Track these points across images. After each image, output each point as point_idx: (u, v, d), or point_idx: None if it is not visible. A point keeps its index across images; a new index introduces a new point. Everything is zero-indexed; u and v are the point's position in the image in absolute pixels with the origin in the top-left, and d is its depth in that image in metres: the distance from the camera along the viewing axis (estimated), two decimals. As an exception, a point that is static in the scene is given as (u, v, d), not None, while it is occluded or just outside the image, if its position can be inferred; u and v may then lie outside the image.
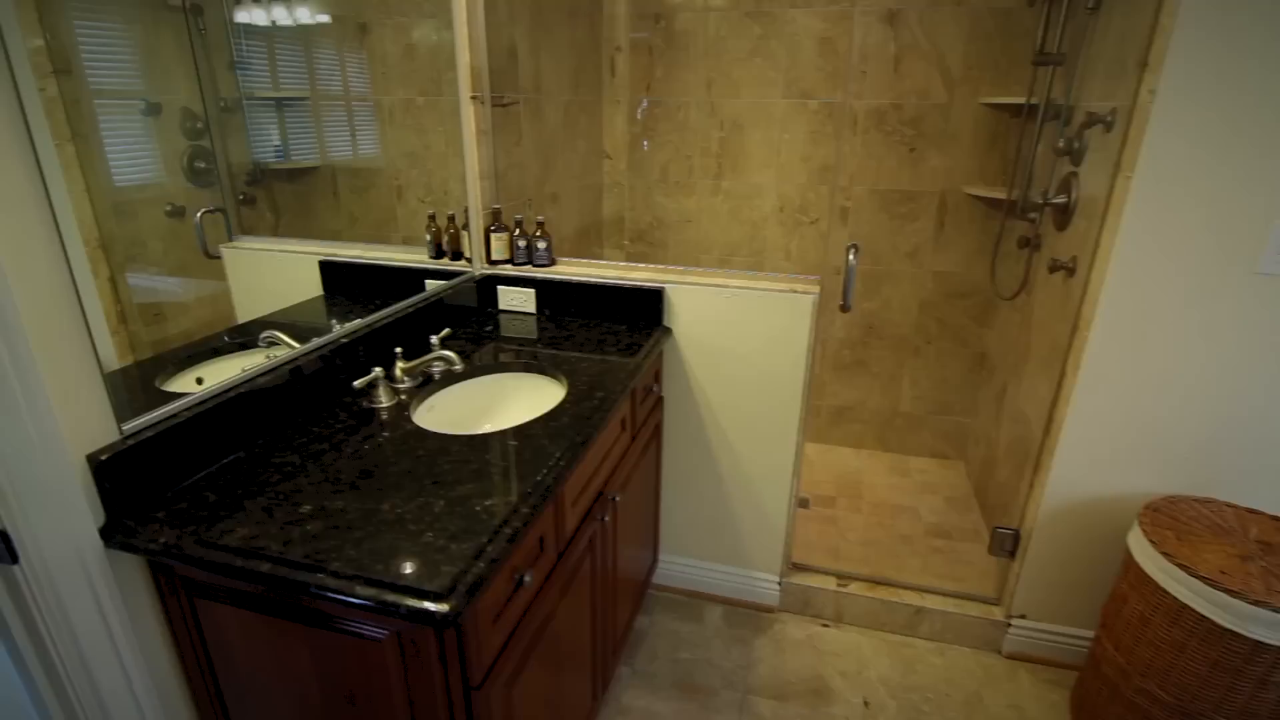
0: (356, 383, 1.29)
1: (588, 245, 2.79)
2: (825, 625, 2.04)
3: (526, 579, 1.01)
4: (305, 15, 1.45)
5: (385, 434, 1.20)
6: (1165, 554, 1.42)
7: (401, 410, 1.31)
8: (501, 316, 1.88)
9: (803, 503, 2.62)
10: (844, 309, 1.74)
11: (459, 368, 1.44)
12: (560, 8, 2.29)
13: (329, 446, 1.15)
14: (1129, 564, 1.53)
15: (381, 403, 1.32)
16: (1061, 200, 1.89)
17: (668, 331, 1.82)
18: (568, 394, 1.37)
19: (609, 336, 1.71)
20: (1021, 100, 2.23)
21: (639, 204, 2.90)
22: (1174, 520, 1.53)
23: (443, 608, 0.80)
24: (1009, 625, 1.90)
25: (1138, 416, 1.61)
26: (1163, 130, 1.40)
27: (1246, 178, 1.39)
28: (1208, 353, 1.52)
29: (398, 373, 1.39)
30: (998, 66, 2.35)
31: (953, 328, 2.73)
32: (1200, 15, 1.32)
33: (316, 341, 1.33)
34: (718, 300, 1.77)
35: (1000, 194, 2.35)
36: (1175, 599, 1.40)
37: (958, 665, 1.90)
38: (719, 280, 1.77)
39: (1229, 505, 1.59)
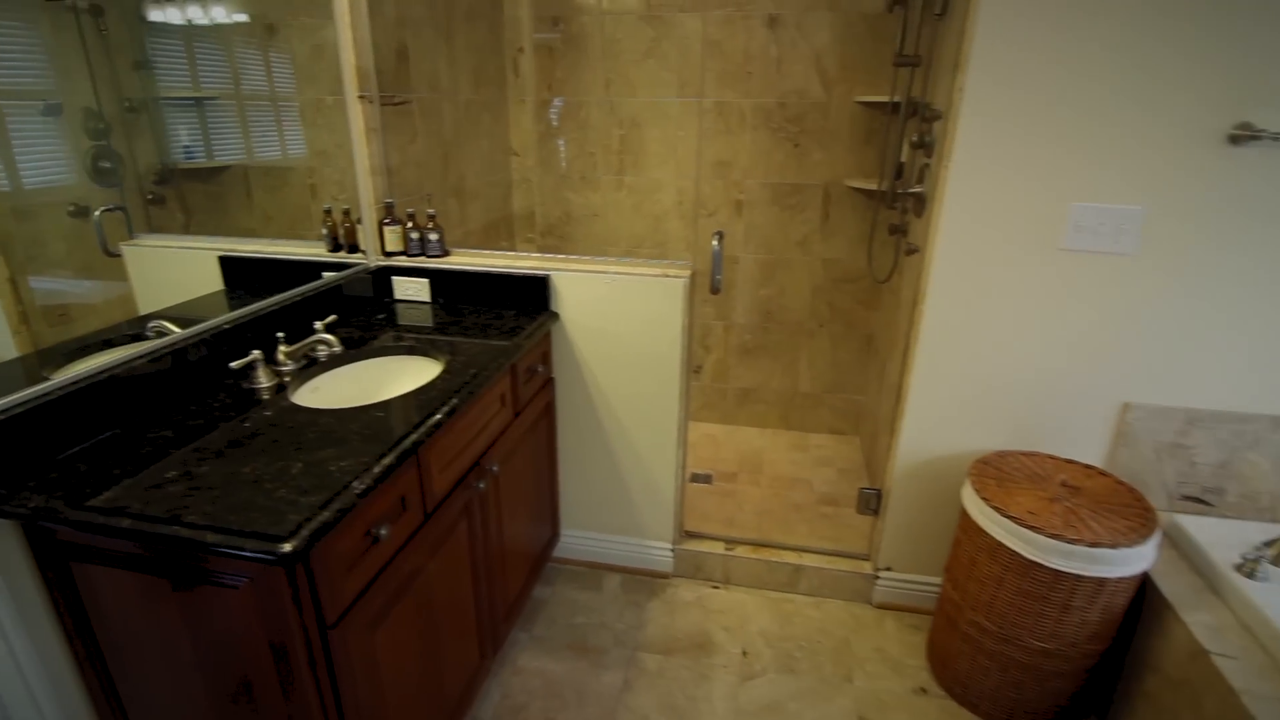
0: (233, 364, 1.37)
1: (498, 238, 2.89)
2: (715, 587, 2.19)
3: (383, 533, 1.11)
4: (213, 15, 1.52)
5: (260, 411, 1.29)
6: (985, 499, 1.61)
7: (281, 391, 1.39)
8: (398, 305, 1.97)
9: (706, 478, 2.79)
10: (713, 291, 1.89)
11: (338, 350, 1.53)
12: (455, 11, 2.38)
13: (204, 423, 1.24)
14: (962, 512, 1.72)
15: (261, 384, 1.40)
16: (919, 190, 2.08)
17: (555, 316, 1.94)
18: (442, 372, 1.48)
19: (496, 322, 1.82)
20: (887, 99, 2.42)
21: (548, 199, 3.01)
22: (999, 471, 1.72)
23: (285, 548, 0.90)
24: (877, 578, 2.09)
25: (970, 381, 1.80)
26: (971, 125, 1.58)
27: (1045, 166, 1.59)
28: (1024, 321, 1.72)
29: (280, 356, 1.47)
30: (868, 67, 2.54)
31: (842, 311, 2.93)
32: (997, 24, 1.50)
33: (196, 328, 1.40)
34: (599, 286, 1.90)
35: (874, 185, 2.54)
36: (993, 538, 1.59)
37: (832, 616, 2.07)
38: (599, 267, 1.90)
39: (1050, 456, 1.80)
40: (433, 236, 1.97)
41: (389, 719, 1.23)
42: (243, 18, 1.61)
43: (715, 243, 1.82)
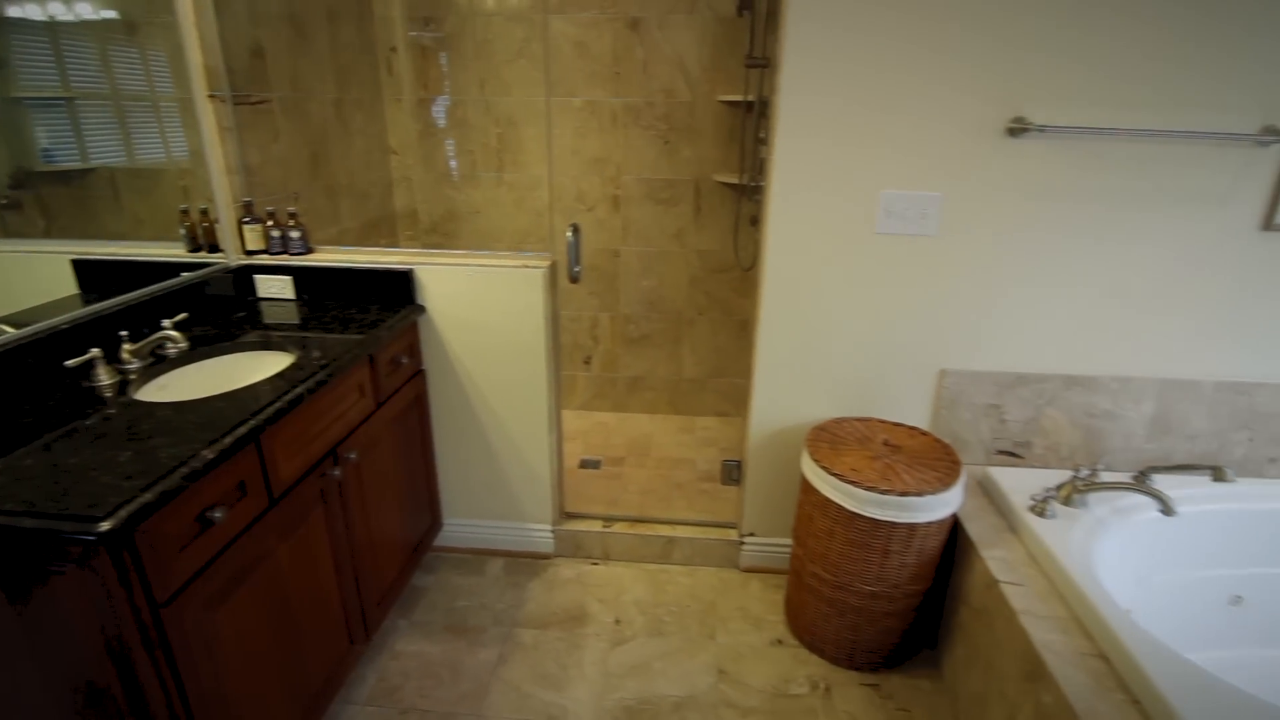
0: (69, 363, 1.37)
1: (378, 237, 2.90)
2: (594, 563, 2.29)
3: (218, 515, 1.15)
4: (73, 13, 1.50)
5: (98, 408, 1.30)
6: (816, 460, 1.77)
7: (124, 389, 1.40)
8: (261, 304, 1.98)
9: (595, 464, 2.89)
10: (571, 280, 1.99)
11: (186, 347, 1.55)
12: (317, 10, 2.39)
13: (33, 420, 1.24)
14: (801, 475, 1.88)
15: (102, 382, 1.40)
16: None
17: (420, 310, 2.00)
18: (293, 364, 1.52)
19: (359, 316, 1.86)
20: (743, 98, 2.59)
21: (430, 197, 3.04)
22: (833, 436, 1.89)
23: (103, 527, 0.94)
24: (742, 544, 2.24)
25: (809, 356, 1.97)
26: (788, 120, 1.74)
27: (857, 158, 1.76)
28: (851, 300, 1.90)
29: (125, 355, 1.48)
30: (727, 68, 2.70)
31: (719, 299, 3.09)
32: (805, 30, 1.66)
33: (29, 329, 1.39)
34: (461, 278, 1.97)
35: (737, 179, 2.71)
36: (823, 495, 1.75)
37: (703, 582, 2.21)
38: (460, 260, 1.97)
39: (881, 421, 1.99)
40: (294, 234, 1.99)
41: (241, 699, 1.27)
42: (105, 14, 1.60)
43: (569, 234, 1.92)
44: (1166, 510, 1.62)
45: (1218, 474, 1.69)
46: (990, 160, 1.74)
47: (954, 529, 1.80)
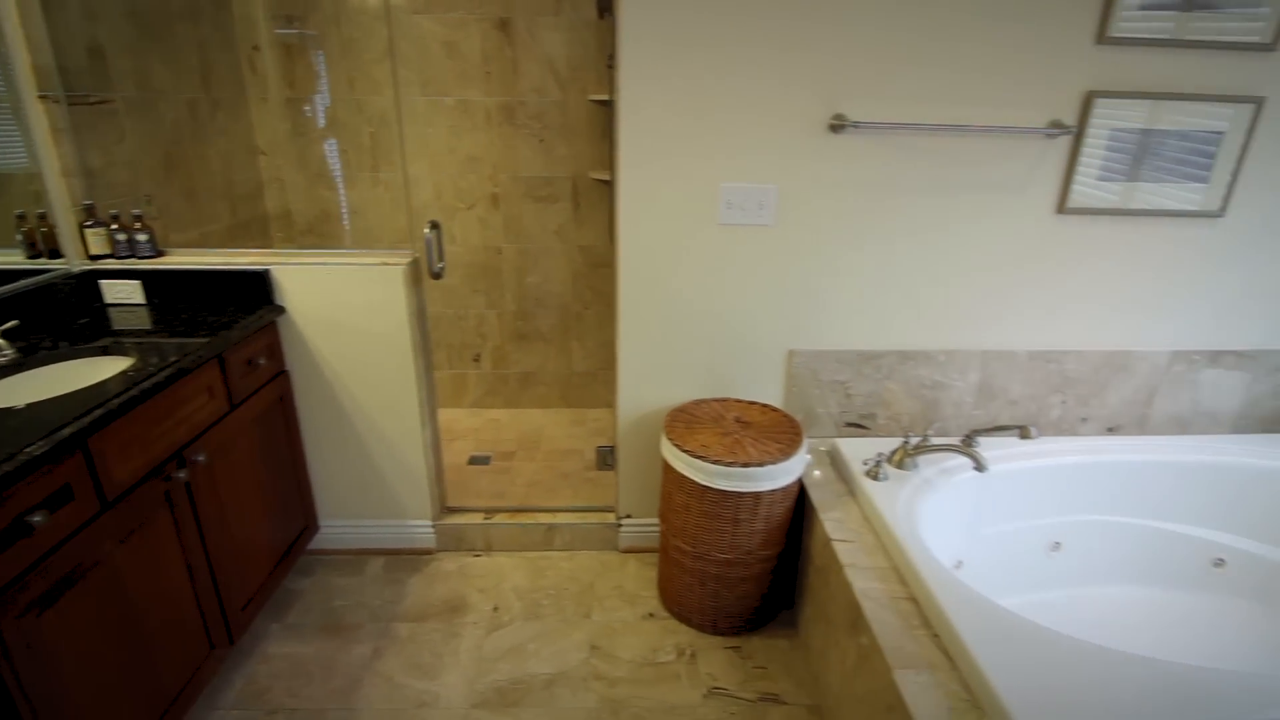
0: (-127, 375, 1.32)
1: (248, 239, 2.84)
2: (477, 555, 2.33)
3: (37, 519, 1.14)
4: None
5: (-94, 419, 1.26)
6: (671, 440, 1.88)
7: (-61, 398, 1.36)
8: (110, 310, 1.92)
9: (485, 459, 2.92)
10: (433, 277, 2.02)
11: (13, 355, 1.50)
12: (163, 9, 2.32)
13: None
14: (662, 455, 1.98)
15: (-86, 393, 1.35)
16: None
17: (280, 310, 1.99)
18: (130, 367, 1.50)
19: (211, 319, 1.84)
20: (609, 97, 2.67)
21: (303, 198, 2.99)
22: (690, 417, 2.00)
23: (-110, 536, 0.93)
24: (620, 526, 2.33)
25: (668, 342, 2.07)
26: (630, 118, 1.83)
27: (698, 153, 1.87)
28: (703, 287, 2.01)
29: (-58, 365, 1.43)
30: (595, 68, 2.78)
31: (603, 294, 3.17)
32: (639, 28, 1.75)
33: None
34: (320, 277, 1.97)
35: (608, 176, 2.79)
36: (679, 471, 1.86)
37: (583, 565, 2.29)
38: (318, 259, 1.97)
39: (738, 400, 2.11)
40: (141, 238, 1.94)
41: (80, 706, 1.26)
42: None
43: (427, 231, 1.96)
44: (979, 467, 1.81)
45: (1024, 433, 1.89)
46: (818, 154, 1.88)
47: (802, 496, 1.94)
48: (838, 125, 1.84)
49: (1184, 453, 2.13)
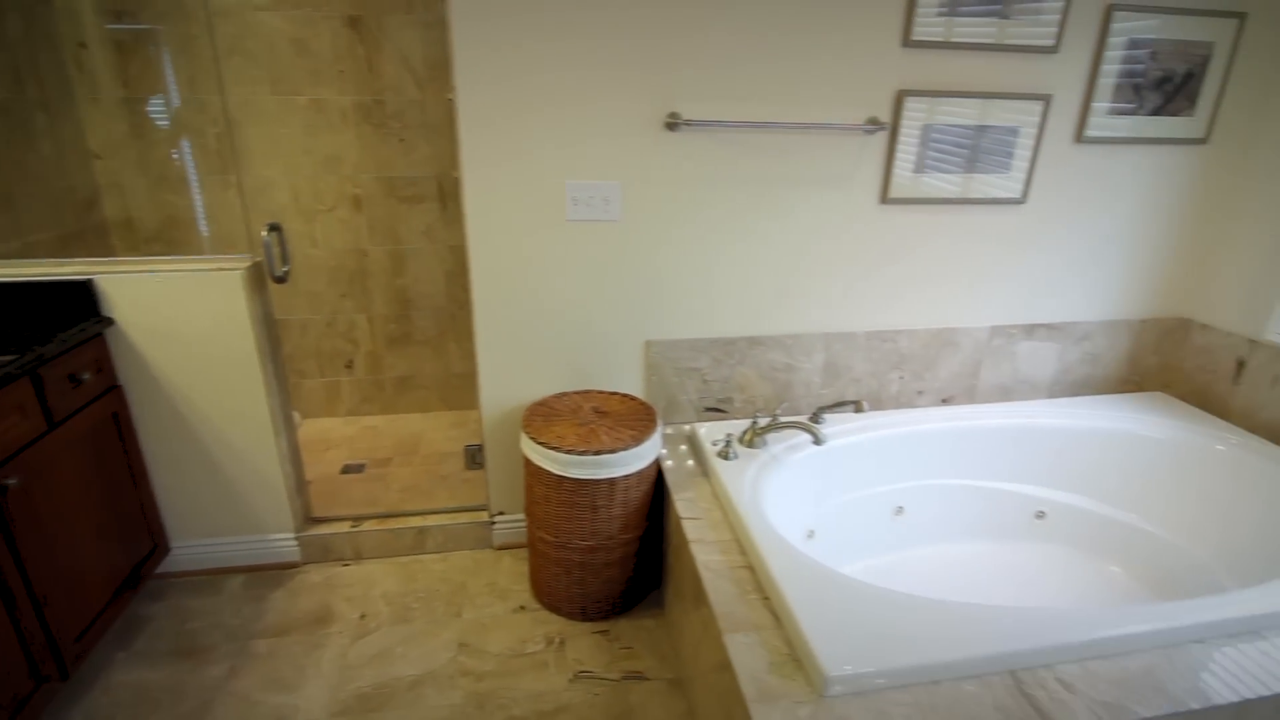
0: None
1: (82, 250, 2.65)
2: (345, 564, 2.29)
3: None
4: None
5: None
6: (528, 433, 1.91)
7: None
8: (-96, 330, 1.76)
9: (359, 468, 2.86)
10: (277, 280, 1.97)
11: None
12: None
13: None
14: (522, 449, 2.01)
15: None
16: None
17: (108, 322, 1.88)
18: (-81, 389, 1.39)
19: (26, 333, 1.72)
20: (468, 96, 2.67)
21: (146, 204, 2.82)
22: (549, 410, 2.04)
23: None
24: (493, 523, 2.34)
25: (526, 337, 2.10)
26: (469, 122, 1.84)
27: (541, 152, 1.91)
28: (557, 282, 2.05)
29: None
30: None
31: (476, 293, 3.15)
32: (472, 28, 1.77)
33: None
34: (152, 285, 1.88)
35: (473, 175, 2.78)
36: (536, 464, 1.89)
37: (456, 566, 2.29)
38: (147, 267, 1.88)
39: (599, 391, 2.17)
40: (-61, 250, 1.79)
41: None
42: None
43: (264, 233, 1.90)
44: (817, 441, 1.93)
45: (857, 407, 2.04)
46: (656, 151, 1.95)
47: (661, 480, 2.01)
48: (673, 123, 1.92)
49: (1007, 417, 2.36)
